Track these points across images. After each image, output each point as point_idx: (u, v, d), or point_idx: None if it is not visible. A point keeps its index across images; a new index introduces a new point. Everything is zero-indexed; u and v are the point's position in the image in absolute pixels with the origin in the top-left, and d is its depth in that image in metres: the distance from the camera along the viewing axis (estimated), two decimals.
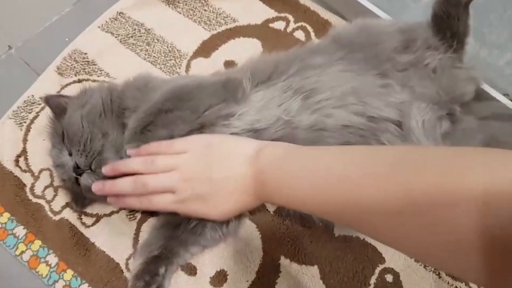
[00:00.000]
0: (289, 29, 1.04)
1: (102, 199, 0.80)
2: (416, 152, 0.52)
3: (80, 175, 0.76)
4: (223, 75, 0.81)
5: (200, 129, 0.75)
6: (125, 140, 0.74)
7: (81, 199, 0.82)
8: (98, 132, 0.75)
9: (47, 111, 0.87)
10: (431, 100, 0.78)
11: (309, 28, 1.04)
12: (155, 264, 0.73)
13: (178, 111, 0.73)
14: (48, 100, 0.85)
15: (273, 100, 0.75)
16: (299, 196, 0.60)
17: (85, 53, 0.99)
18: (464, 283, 0.78)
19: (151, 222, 0.84)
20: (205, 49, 1.01)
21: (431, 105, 0.78)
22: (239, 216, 0.80)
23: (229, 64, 0.99)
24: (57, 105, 0.83)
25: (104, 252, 0.83)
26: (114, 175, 0.73)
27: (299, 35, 1.03)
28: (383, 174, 0.49)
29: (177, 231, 0.76)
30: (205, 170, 0.68)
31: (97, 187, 0.74)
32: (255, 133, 0.74)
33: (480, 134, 0.80)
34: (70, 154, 0.77)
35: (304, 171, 0.59)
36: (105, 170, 0.73)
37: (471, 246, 0.40)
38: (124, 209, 0.84)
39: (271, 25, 1.04)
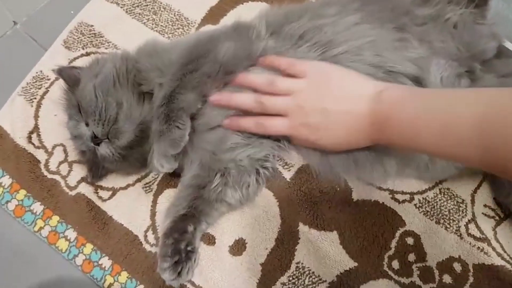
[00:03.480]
0: None
1: (119, 169, 0.82)
2: None
3: (98, 144, 0.76)
4: (232, 23, 0.81)
5: (227, 76, 0.74)
6: (155, 105, 0.74)
7: (97, 170, 0.83)
8: (112, 101, 0.75)
9: (61, 83, 0.87)
10: (450, 56, 0.75)
11: None
12: (183, 222, 0.75)
13: (202, 68, 0.72)
14: (61, 72, 0.84)
15: (289, 51, 0.75)
16: (426, 138, 0.59)
17: (92, 26, 0.98)
18: (486, 243, 0.77)
19: (168, 193, 0.84)
20: (213, 15, 0.99)
21: (450, 61, 0.75)
22: (258, 181, 0.80)
23: None
24: (70, 76, 0.83)
25: (122, 225, 0.83)
26: (240, 85, 0.74)
27: None
28: None
29: (201, 191, 0.77)
30: (321, 100, 0.68)
31: (215, 97, 0.74)
32: None
33: None
34: (87, 125, 0.77)
35: (432, 113, 0.58)
36: (236, 80, 0.74)
37: None
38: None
39: None
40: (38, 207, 0.85)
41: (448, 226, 0.79)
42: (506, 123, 0.50)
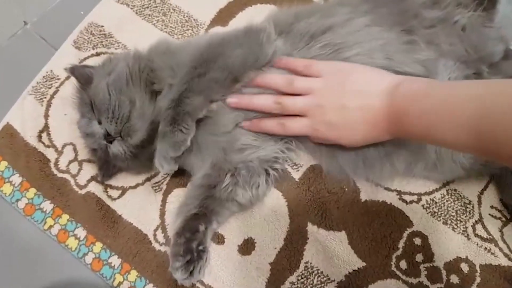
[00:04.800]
0: None
1: (130, 168, 0.82)
2: None
3: (110, 142, 0.76)
4: (243, 27, 0.81)
5: (235, 84, 0.75)
6: (163, 110, 0.74)
7: (108, 168, 0.83)
8: (125, 100, 0.75)
9: (73, 82, 0.87)
10: (458, 58, 0.76)
11: None
12: (195, 221, 0.76)
13: (210, 73, 0.72)
14: (73, 70, 0.85)
15: (300, 51, 0.76)
16: (441, 129, 0.59)
17: (102, 26, 0.98)
18: (493, 244, 0.78)
19: (177, 192, 0.85)
20: (222, 17, 0.99)
21: (458, 63, 0.76)
22: (268, 181, 0.81)
23: None
24: (82, 75, 0.83)
25: (132, 224, 0.83)
26: (258, 86, 0.75)
27: None
28: None
29: (212, 191, 0.78)
30: (339, 97, 0.69)
31: (233, 99, 0.75)
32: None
33: None
34: (100, 123, 0.78)
35: (448, 105, 0.58)
36: (255, 81, 0.75)
37: None
38: None
39: None
40: (48, 205, 0.85)
41: (455, 226, 0.80)
42: (500, 109, 0.52)
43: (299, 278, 0.78)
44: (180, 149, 0.72)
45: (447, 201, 0.81)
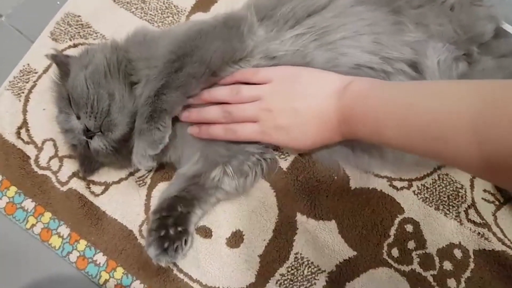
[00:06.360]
0: None
1: (112, 162, 0.80)
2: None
3: (90, 138, 0.73)
4: (223, 15, 0.78)
5: (214, 78, 0.73)
6: (140, 105, 0.72)
7: (90, 164, 0.81)
8: (104, 93, 0.72)
9: (50, 75, 0.84)
10: (447, 39, 0.73)
11: None
12: (173, 201, 0.74)
13: (187, 68, 0.70)
14: (55, 58, 0.81)
15: (283, 34, 0.73)
16: (383, 129, 0.59)
17: (79, 16, 0.94)
18: (487, 229, 0.76)
19: (162, 186, 0.82)
20: (204, 2, 0.95)
21: (447, 44, 0.73)
22: (257, 172, 0.79)
23: None
24: (64, 63, 0.80)
25: (116, 220, 0.81)
26: (207, 102, 0.74)
27: None
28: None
29: (197, 179, 0.76)
30: (288, 101, 0.69)
31: (185, 115, 0.75)
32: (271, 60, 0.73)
33: (499, 73, 0.76)
34: (78, 118, 0.74)
35: (389, 105, 0.59)
36: (193, 99, 0.73)
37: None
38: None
39: None
40: (29, 204, 0.83)
41: (448, 212, 0.78)
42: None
43: (289, 269, 0.76)
44: (158, 147, 0.69)
45: (438, 186, 0.79)
